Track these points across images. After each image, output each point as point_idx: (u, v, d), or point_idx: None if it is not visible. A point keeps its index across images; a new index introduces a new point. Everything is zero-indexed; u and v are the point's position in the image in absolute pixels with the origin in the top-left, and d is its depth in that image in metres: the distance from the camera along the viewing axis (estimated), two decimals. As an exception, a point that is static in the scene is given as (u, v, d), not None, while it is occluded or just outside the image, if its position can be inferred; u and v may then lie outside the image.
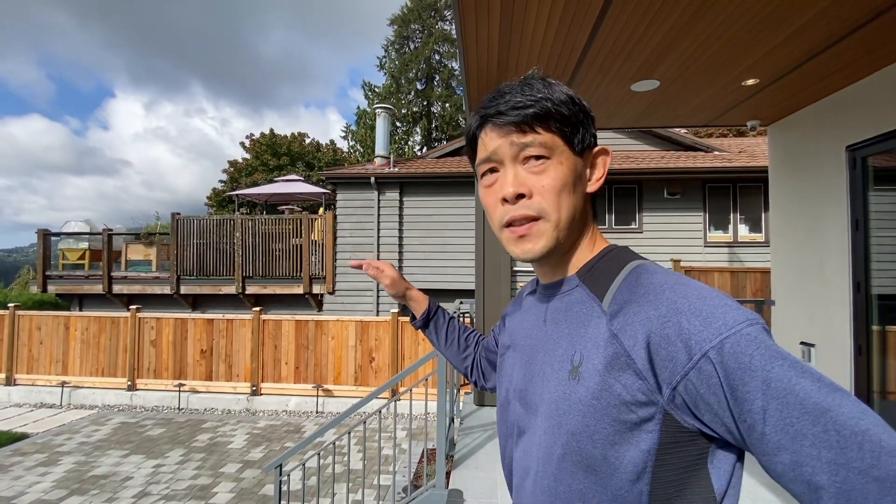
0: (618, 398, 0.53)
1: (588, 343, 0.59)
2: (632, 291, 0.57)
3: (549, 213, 0.62)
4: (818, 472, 0.43)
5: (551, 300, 0.69)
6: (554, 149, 0.62)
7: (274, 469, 3.13)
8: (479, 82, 3.53)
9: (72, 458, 6.12)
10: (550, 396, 0.61)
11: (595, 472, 0.54)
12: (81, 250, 10.81)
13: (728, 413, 0.48)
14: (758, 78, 3.37)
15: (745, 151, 10.12)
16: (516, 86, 0.65)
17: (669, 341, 0.51)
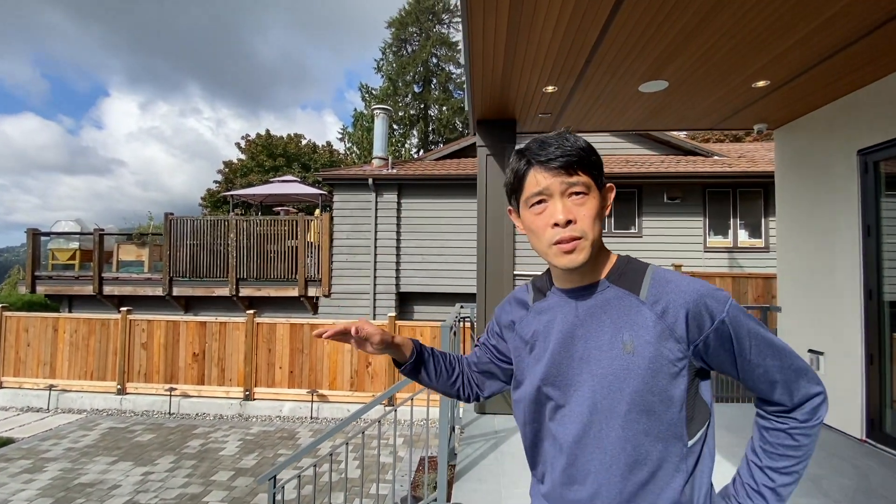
0: (666, 359, 0.81)
1: (635, 326, 0.84)
2: (663, 287, 0.85)
3: (588, 233, 0.85)
4: (774, 372, 0.83)
5: (582, 300, 0.90)
6: (590, 187, 0.86)
7: (268, 481, 2.99)
8: (484, 81, 3.43)
9: (58, 465, 5.93)
10: (606, 369, 0.84)
11: (654, 413, 0.81)
12: (72, 250, 10.59)
13: (732, 352, 0.83)
14: (768, 80, 3.30)
15: (744, 156, 10.10)
16: (555, 138, 0.86)
17: (700, 314, 0.82)
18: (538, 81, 3.41)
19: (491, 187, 4.25)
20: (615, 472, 0.83)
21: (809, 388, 0.84)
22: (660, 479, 0.81)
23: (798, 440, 0.84)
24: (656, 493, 0.81)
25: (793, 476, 0.85)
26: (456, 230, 9.51)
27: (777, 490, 0.85)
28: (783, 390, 0.84)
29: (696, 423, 0.83)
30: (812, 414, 0.84)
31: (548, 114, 4.11)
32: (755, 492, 0.86)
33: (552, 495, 0.91)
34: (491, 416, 4.14)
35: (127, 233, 11.13)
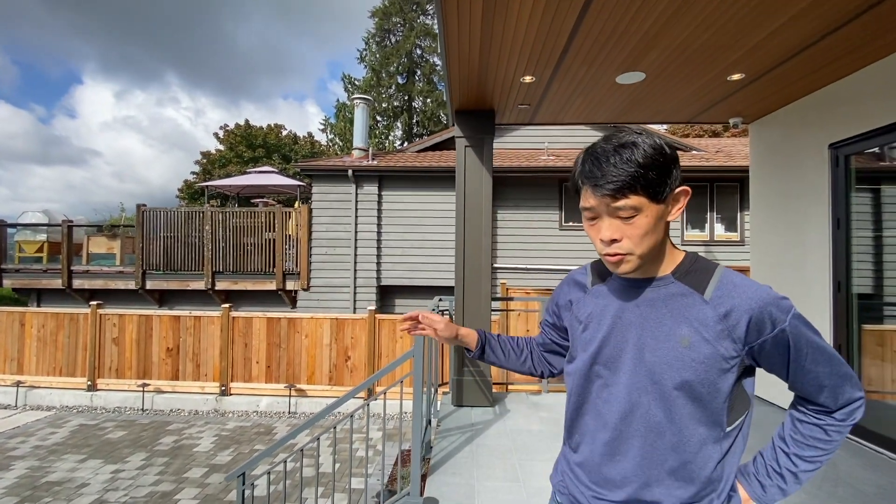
0: (720, 357, 0.87)
1: (697, 323, 0.89)
2: (729, 290, 0.89)
3: (635, 250, 0.88)
4: (824, 378, 0.89)
5: (643, 289, 0.95)
6: (640, 207, 0.86)
7: (237, 478, 2.92)
8: (461, 71, 3.36)
9: (25, 463, 5.73)
10: (660, 358, 0.90)
11: (701, 401, 0.88)
12: (39, 242, 10.20)
13: (786, 357, 0.88)
14: (743, 73, 3.31)
15: (721, 151, 10.25)
16: (611, 155, 0.86)
17: (763, 321, 0.86)
18: (515, 71, 3.36)
19: (469, 179, 4.19)
20: (659, 449, 0.91)
21: (853, 393, 0.91)
22: (698, 459, 0.90)
23: (831, 436, 0.92)
24: (693, 471, 0.90)
25: (815, 464, 0.93)
26: (438, 223, 9.44)
27: (797, 474, 0.94)
28: (829, 394, 0.90)
29: (736, 412, 0.91)
30: (849, 415, 0.92)
31: (526, 105, 4.06)
32: (776, 473, 0.94)
33: (588, 464, 0.99)
34: (469, 408, 4.12)
35: (97, 225, 10.77)
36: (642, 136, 0.87)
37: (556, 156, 9.84)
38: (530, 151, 10.45)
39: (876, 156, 3.27)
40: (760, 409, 3.97)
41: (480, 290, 4.16)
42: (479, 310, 4.15)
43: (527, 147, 10.66)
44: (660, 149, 0.86)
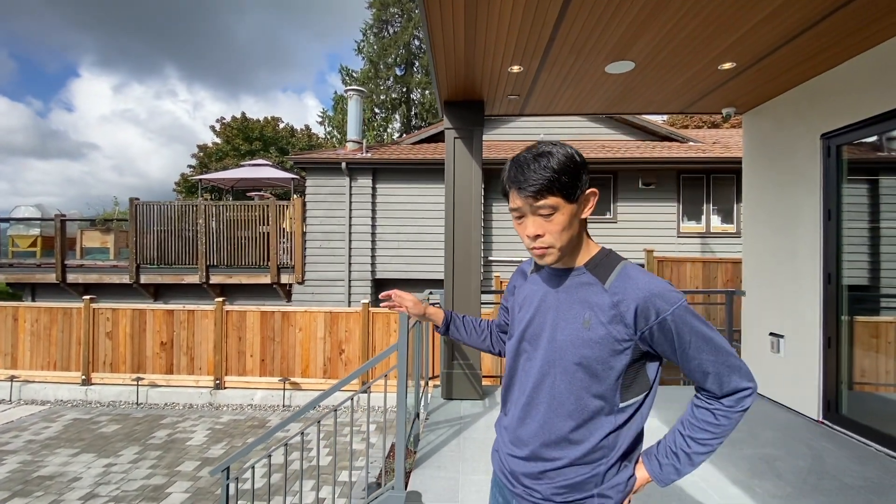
0: (613, 338, 1.01)
1: (595, 308, 1.03)
2: (625, 282, 1.02)
3: (555, 243, 1.04)
4: (708, 365, 1.00)
5: (562, 279, 1.11)
6: (557, 206, 1.01)
7: (220, 472, 2.90)
8: (447, 60, 3.30)
9: (17, 458, 5.73)
10: (566, 336, 1.05)
11: (596, 376, 1.02)
12: (32, 237, 10.16)
13: (672, 344, 1.00)
14: (734, 62, 3.25)
15: (719, 142, 10.18)
16: (532, 162, 1.01)
17: (647, 310, 0.99)
18: (502, 61, 3.30)
19: (458, 171, 4.15)
20: (559, 414, 1.06)
21: (740, 382, 1.01)
22: (590, 426, 1.04)
23: (719, 420, 1.02)
24: (585, 436, 1.04)
25: (706, 447, 1.04)
26: (433, 215, 9.40)
27: (690, 455, 1.04)
28: (714, 381, 1.01)
29: (632, 392, 1.04)
30: (737, 402, 1.02)
31: (516, 95, 4.00)
32: (672, 452, 1.06)
33: (510, 426, 1.16)
34: (458, 401, 4.11)
35: (90, 219, 10.71)
36: (557, 147, 1.02)
37: (552, 148, 9.76)
38: (526, 142, 10.37)
39: (868, 146, 3.22)
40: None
41: (470, 284, 4.13)
42: (468, 303, 4.12)
43: (522, 138, 10.59)
44: (571, 157, 1.02)
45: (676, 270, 7.04)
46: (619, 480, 1.05)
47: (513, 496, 1.13)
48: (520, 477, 1.10)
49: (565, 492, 1.05)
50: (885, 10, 2.59)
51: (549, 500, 1.06)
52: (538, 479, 1.07)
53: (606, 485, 1.04)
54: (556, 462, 1.05)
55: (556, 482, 1.05)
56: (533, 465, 1.08)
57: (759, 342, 4.06)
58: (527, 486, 1.09)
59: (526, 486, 1.09)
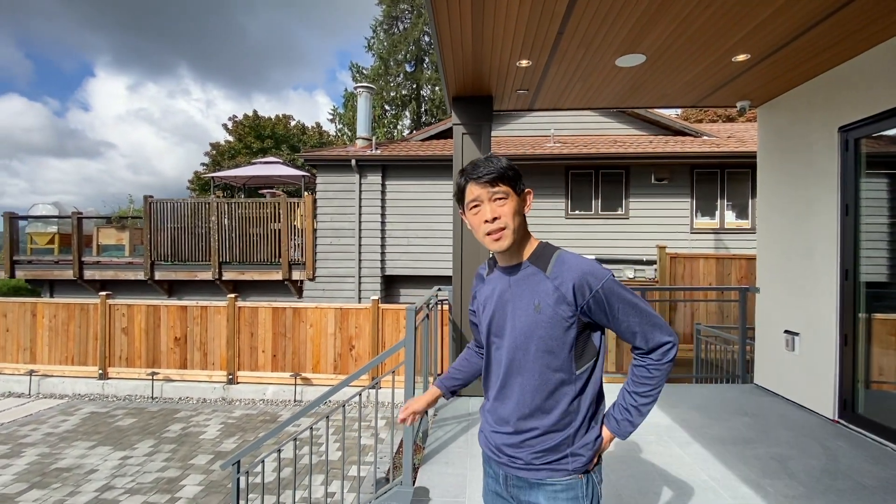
0: (561, 317, 1.19)
1: (542, 294, 1.20)
2: (560, 266, 1.21)
3: (509, 225, 1.21)
4: (635, 325, 1.21)
5: (513, 275, 1.28)
6: (508, 193, 1.22)
7: (231, 466, 2.94)
8: (455, 54, 3.28)
9: (36, 450, 5.88)
10: (523, 322, 1.22)
11: (553, 353, 1.20)
12: (50, 234, 10.38)
13: (605, 312, 1.20)
14: (748, 53, 3.17)
15: (733, 137, 10.00)
16: (484, 161, 1.23)
17: (582, 286, 1.18)
18: (511, 55, 3.27)
19: (467, 167, 4.12)
20: (527, 391, 1.23)
21: (661, 338, 1.21)
22: (556, 396, 1.22)
23: (652, 373, 1.22)
24: (553, 405, 1.22)
25: (649, 398, 1.23)
26: (442, 212, 9.38)
27: (638, 407, 1.23)
28: (641, 339, 1.22)
29: (584, 359, 1.23)
30: (664, 355, 1.22)
31: (525, 90, 3.97)
32: (624, 408, 1.24)
33: (491, 409, 1.33)
34: (466, 398, 4.11)
35: (106, 216, 10.91)
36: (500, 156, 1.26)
37: (563, 143, 9.68)
38: (536, 138, 10.29)
39: (888, 139, 3.13)
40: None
41: (478, 280, 4.11)
42: (476, 299, 4.11)
43: (532, 134, 10.51)
44: (511, 163, 1.24)
45: (689, 267, 6.94)
46: (587, 440, 1.23)
47: (499, 466, 1.29)
48: (503, 448, 1.27)
49: (542, 454, 1.22)
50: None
51: (531, 464, 1.23)
52: (519, 448, 1.24)
53: (577, 444, 1.22)
54: (533, 432, 1.22)
55: (535, 448, 1.22)
56: (515, 437, 1.25)
57: (773, 340, 3.99)
58: (510, 455, 1.26)
59: (509, 455, 1.26)
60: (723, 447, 2.99)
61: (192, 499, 4.70)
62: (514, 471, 1.25)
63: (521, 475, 1.24)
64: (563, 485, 1.21)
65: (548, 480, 1.21)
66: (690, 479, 2.60)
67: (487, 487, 1.37)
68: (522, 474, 1.24)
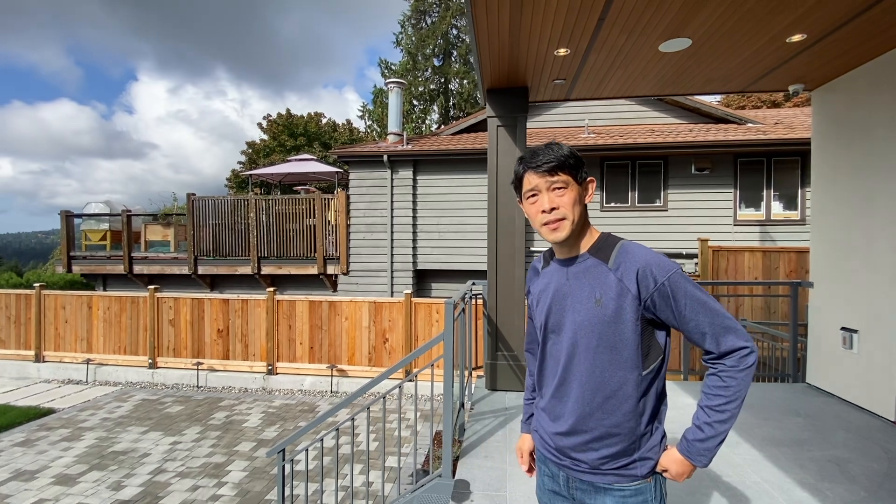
0: (624, 311, 1.13)
1: (604, 286, 1.15)
2: (624, 256, 1.15)
3: (568, 215, 1.18)
4: (704, 325, 1.10)
5: (570, 267, 1.23)
6: (568, 182, 1.18)
7: (277, 454, 3.04)
8: (491, 45, 3.24)
9: (94, 434, 6.27)
10: (583, 317, 1.16)
11: (615, 349, 1.14)
12: (102, 231, 10.98)
13: (671, 308, 1.11)
14: (805, 33, 2.99)
15: (781, 123, 9.49)
16: (543, 148, 1.20)
17: (646, 278, 1.11)
18: (549, 44, 3.20)
19: (502, 160, 4.08)
20: (588, 390, 1.17)
21: (736, 342, 1.09)
22: (619, 396, 1.15)
23: (726, 381, 1.09)
24: (616, 406, 1.15)
25: (724, 414, 1.09)
26: (473, 206, 9.36)
27: (713, 424, 1.10)
28: (711, 341, 1.11)
29: (650, 359, 1.15)
30: (740, 361, 1.09)
31: (562, 80, 3.88)
32: (697, 427, 1.12)
33: (548, 407, 1.28)
34: (502, 392, 4.10)
35: (153, 214, 11.43)
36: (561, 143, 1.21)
37: (598, 133, 9.45)
38: (570, 129, 10.09)
39: (963, 121, 2.89)
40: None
41: (514, 274, 4.08)
42: (512, 294, 4.08)
43: (566, 125, 10.30)
44: (573, 149, 1.20)
45: (734, 260, 6.66)
46: (654, 442, 1.17)
47: (560, 468, 1.24)
48: (565, 450, 1.21)
49: (609, 460, 1.15)
50: None
51: (597, 469, 1.16)
52: (582, 451, 1.18)
53: (644, 448, 1.16)
54: (594, 432, 1.16)
55: (601, 452, 1.16)
56: (574, 439, 1.19)
57: (828, 337, 3.78)
58: (573, 458, 1.20)
59: (572, 457, 1.20)
60: (775, 448, 2.87)
61: (238, 484, 4.90)
62: (579, 474, 1.20)
63: (586, 479, 1.19)
64: (632, 490, 1.15)
65: (616, 486, 1.16)
66: (741, 481, 2.50)
67: (543, 486, 1.32)
68: (588, 478, 1.18)
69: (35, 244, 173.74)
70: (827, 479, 2.52)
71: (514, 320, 4.10)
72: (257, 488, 4.80)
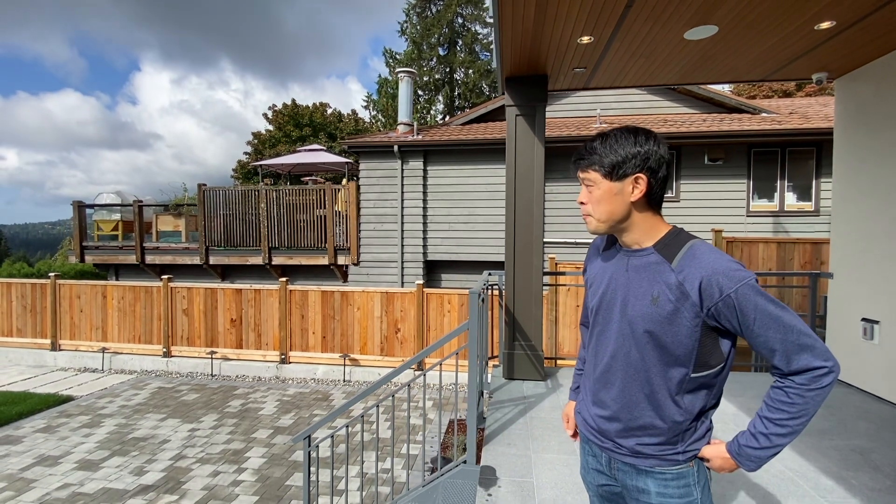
0: (681, 314, 1.09)
1: (663, 285, 1.11)
2: (690, 260, 1.09)
3: (592, 213, 1.21)
4: (774, 343, 1.04)
5: (632, 258, 1.21)
6: (595, 181, 1.19)
7: (303, 440, 3.09)
8: (514, 33, 3.22)
9: (113, 421, 6.37)
10: (636, 313, 1.15)
11: (665, 348, 1.12)
12: (114, 221, 11.05)
13: (737, 321, 1.05)
14: (834, 20, 2.95)
15: (795, 112, 9.37)
16: (587, 143, 1.20)
17: (711, 287, 1.05)
18: (573, 31, 3.17)
19: (520, 150, 4.07)
20: (634, 382, 1.17)
21: (811, 361, 1.02)
22: (664, 392, 1.14)
23: (792, 398, 1.04)
24: (662, 401, 1.14)
25: (785, 428, 1.05)
26: (483, 196, 9.34)
27: (769, 436, 1.06)
28: (781, 358, 1.05)
29: (706, 365, 1.11)
30: (812, 381, 1.02)
31: (582, 68, 3.85)
32: (752, 435, 1.09)
33: (592, 389, 1.29)
34: (520, 381, 4.13)
35: (164, 204, 11.48)
36: (621, 130, 1.17)
37: (610, 123, 9.37)
38: (581, 119, 10.01)
39: None
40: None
41: (532, 264, 4.09)
42: (529, 284, 4.09)
43: (577, 115, 10.22)
44: (623, 139, 1.15)
45: (748, 251, 6.63)
46: (698, 436, 1.17)
47: (602, 451, 1.27)
48: (608, 433, 1.24)
49: (652, 446, 1.17)
50: None
51: (640, 453, 1.18)
52: (624, 437, 1.20)
53: (688, 442, 1.16)
54: (636, 422, 1.18)
55: (641, 439, 1.18)
56: (616, 425, 1.21)
57: (848, 328, 3.77)
58: (615, 441, 1.22)
59: (614, 441, 1.22)
60: (798, 438, 2.87)
61: (258, 470, 4.99)
62: (621, 457, 1.22)
63: (627, 461, 1.20)
64: (674, 473, 1.16)
65: (657, 469, 1.17)
66: (766, 469, 2.52)
67: (587, 465, 1.35)
68: (629, 461, 1.20)
69: (42, 235, 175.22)
70: (851, 467, 2.54)
71: (531, 310, 4.11)
72: (277, 474, 4.88)
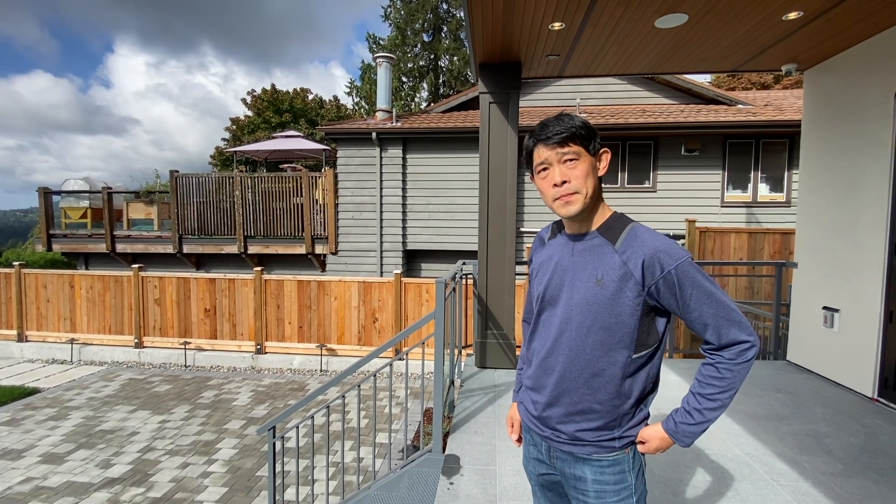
0: (624, 294, 1.11)
1: (606, 267, 1.13)
2: (633, 241, 1.12)
3: (580, 189, 1.14)
4: (707, 317, 1.09)
5: (577, 243, 1.21)
6: (579, 154, 1.14)
7: (268, 431, 3.04)
8: (484, 17, 3.15)
9: (81, 413, 6.22)
10: (581, 295, 1.15)
11: (610, 330, 1.13)
12: (83, 209, 10.68)
13: (675, 297, 1.09)
14: (802, 10, 2.96)
15: (770, 105, 9.51)
16: (553, 120, 1.16)
17: (653, 265, 1.09)
18: (543, 17, 3.12)
19: (494, 138, 4.03)
20: (575, 365, 1.17)
21: (739, 335, 1.08)
22: (606, 376, 1.15)
23: (722, 373, 1.09)
24: (601, 384, 1.15)
25: (716, 402, 1.10)
26: (463, 185, 9.28)
27: (702, 411, 1.11)
28: (713, 332, 1.09)
29: (644, 345, 1.14)
30: (738, 355, 1.08)
31: (556, 55, 3.81)
32: (686, 411, 1.13)
33: (533, 376, 1.27)
34: (492, 370, 4.14)
35: (134, 191, 11.14)
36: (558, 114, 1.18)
37: (588, 113, 9.37)
38: (560, 109, 9.98)
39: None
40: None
41: (504, 254, 4.07)
42: (502, 274, 4.08)
43: (556, 105, 10.20)
44: (585, 120, 1.16)
45: (720, 242, 6.74)
46: (635, 423, 1.18)
47: (542, 439, 1.26)
48: (547, 421, 1.23)
49: (590, 432, 1.17)
50: None
51: (578, 439, 1.18)
52: (563, 423, 1.20)
53: (625, 427, 1.17)
54: (575, 406, 1.18)
55: (580, 424, 1.18)
56: (555, 410, 1.21)
57: (810, 316, 3.87)
58: (554, 429, 1.22)
59: (554, 428, 1.22)
60: (756, 423, 2.95)
61: (228, 461, 4.93)
62: (559, 444, 1.22)
63: (566, 449, 1.21)
64: (610, 460, 1.18)
65: (594, 456, 1.18)
66: (723, 454, 2.58)
67: (528, 455, 1.35)
68: (567, 448, 1.20)
69: (14, 222, 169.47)
70: (805, 451, 2.60)
71: (503, 300, 4.11)
72: (248, 465, 4.83)
